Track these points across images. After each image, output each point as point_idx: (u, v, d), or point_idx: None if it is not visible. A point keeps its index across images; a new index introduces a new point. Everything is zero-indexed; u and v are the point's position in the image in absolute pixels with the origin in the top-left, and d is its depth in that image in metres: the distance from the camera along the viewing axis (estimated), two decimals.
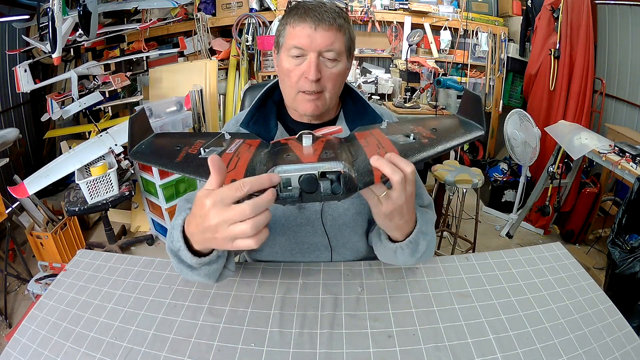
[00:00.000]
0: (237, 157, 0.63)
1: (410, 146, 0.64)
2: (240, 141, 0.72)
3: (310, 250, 0.90)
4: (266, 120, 0.88)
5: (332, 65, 0.78)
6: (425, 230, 0.72)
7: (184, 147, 0.69)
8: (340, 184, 0.53)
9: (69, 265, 0.89)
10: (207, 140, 0.72)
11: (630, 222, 1.71)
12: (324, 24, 0.75)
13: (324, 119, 0.89)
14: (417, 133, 0.68)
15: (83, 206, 2.09)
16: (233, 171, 0.58)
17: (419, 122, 0.76)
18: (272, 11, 3.24)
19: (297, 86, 0.79)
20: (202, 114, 2.88)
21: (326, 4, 0.78)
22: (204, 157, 0.64)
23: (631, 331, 0.71)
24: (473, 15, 3.50)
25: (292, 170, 0.53)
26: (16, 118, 3.07)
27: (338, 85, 0.82)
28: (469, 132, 0.68)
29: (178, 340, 0.68)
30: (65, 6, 2.28)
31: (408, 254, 0.72)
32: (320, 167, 0.53)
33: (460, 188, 2.15)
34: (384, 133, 0.71)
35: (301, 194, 0.53)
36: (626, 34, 2.73)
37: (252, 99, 1.23)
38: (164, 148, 0.70)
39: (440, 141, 0.65)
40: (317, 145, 0.60)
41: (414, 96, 2.91)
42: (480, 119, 0.70)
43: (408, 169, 0.58)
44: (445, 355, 0.65)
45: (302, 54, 0.77)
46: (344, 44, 0.78)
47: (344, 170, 0.53)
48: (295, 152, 0.57)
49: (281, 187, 0.53)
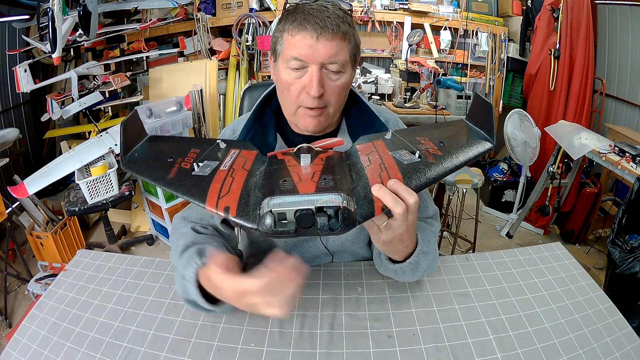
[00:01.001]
0: (231, 177, 0.60)
1: (415, 167, 0.60)
2: (236, 152, 0.68)
3: (311, 259, 0.89)
4: (265, 133, 0.82)
5: (336, 77, 0.71)
6: (427, 250, 0.70)
7: (177, 160, 0.65)
8: (338, 220, 0.50)
9: (69, 265, 0.89)
10: (201, 151, 0.68)
11: (630, 222, 1.71)
12: (327, 33, 0.67)
13: (326, 131, 0.83)
14: (423, 148, 0.64)
15: (83, 206, 2.09)
16: (227, 196, 0.56)
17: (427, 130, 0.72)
18: (272, 11, 3.24)
19: (298, 101, 0.73)
20: (202, 114, 2.88)
21: (328, 8, 0.69)
22: (197, 175, 0.61)
23: (631, 331, 0.71)
24: (473, 15, 3.50)
25: (287, 204, 0.50)
26: (16, 118, 3.07)
27: (342, 98, 0.76)
28: (478, 145, 0.65)
29: (178, 340, 0.68)
30: (65, 6, 2.28)
31: (409, 274, 0.72)
32: (318, 201, 0.50)
33: (460, 188, 2.15)
34: (388, 147, 0.66)
35: (297, 229, 0.50)
36: (626, 34, 2.73)
37: (252, 99, 1.23)
38: (157, 159, 0.67)
39: (447, 159, 0.62)
40: (316, 167, 0.57)
41: (414, 96, 2.90)
42: (490, 130, 0.66)
43: (411, 200, 0.55)
44: (445, 355, 0.65)
45: (302, 66, 0.69)
46: (349, 53, 0.71)
47: (342, 205, 0.50)
48: (292, 176, 0.54)
49: (276, 221, 0.50)
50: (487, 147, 0.65)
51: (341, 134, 0.84)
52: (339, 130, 0.85)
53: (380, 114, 0.87)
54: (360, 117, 0.84)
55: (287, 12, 0.72)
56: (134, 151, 0.68)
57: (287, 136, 0.84)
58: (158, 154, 0.69)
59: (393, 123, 0.89)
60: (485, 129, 0.68)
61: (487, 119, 0.67)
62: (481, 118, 0.70)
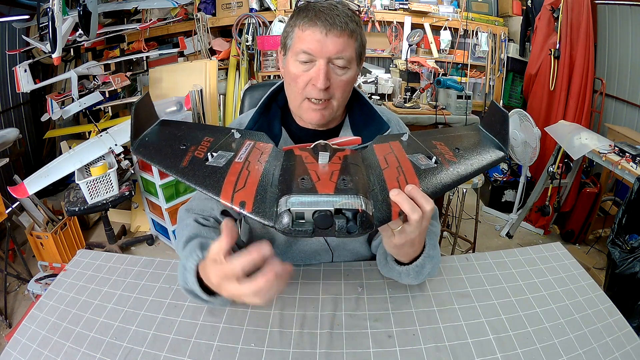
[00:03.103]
0: (247, 170, 0.59)
1: (431, 173, 0.61)
2: (251, 144, 0.68)
3: (311, 256, 0.90)
4: (270, 126, 0.85)
5: (342, 72, 0.75)
6: (432, 254, 0.71)
7: (190, 147, 0.65)
8: (356, 223, 0.49)
9: (69, 265, 0.89)
10: (214, 139, 0.68)
11: (630, 222, 1.71)
12: (336, 29, 0.71)
13: (329, 125, 0.86)
14: (439, 153, 0.64)
15: (83, 206, 2.09)
16: (242, 190, 0.55)
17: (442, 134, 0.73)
18: (272, 11, 3.24)
19: (304, 93, 0.76)
20: (202, 114, 2.88)
21: (338, 7, 0.73)
22: (211, 165, 0.60)
23: (631, 331, 0.71)
24: (473, 15, 3.50)
25: (306, 204, 0.49)
26: (16, 118, 3.07)
27: (347, 92, 0.79)
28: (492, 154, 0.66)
29: (178, 340, 0.68)
30: (65, 6, 2.28)
31: (413, 276, 0.72)
32: (337, 203, 0.49)
33: (460, 188, 2.15)
34: (405, 150, 0.67)
35: (314, 229, 0.49)
36: (626, 34, 2.73)
37: (252, 99, 1.23)
38: (169, 145, 0.66)
39: (463, 166, 0.62)
40: (334, 166, 0.57)
41: (414, 96, 2.90)
42: (504, 139, 0.67)
43: (427, 207, 0.56)
44: (445, 355, 0.65)
45: (310, 59, 0.73)
46: (355, 50, 0.75)
47: (361, 209, 0.49)
48: (311, 174, 0.54)
49: (293, 220, 0.49)
50: (501, 156, 0.66)
51: (344, 129, 0.88)
52: (342, 126, 0.88)
53: (382, 113, 0.89)
54: (363, 114, 0.87)
55: (299, 9, 0.77)
56: (144, 135, 0.67)
57: (291, 130, 0.87)
58: (170, 139, 0.67)
59: (394, 123, 0.91)
60: (499, 137, 0.68)
61: (502, 128, 0.68)
62: (496, 126, 0.70)
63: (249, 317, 0.73)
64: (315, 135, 0.85)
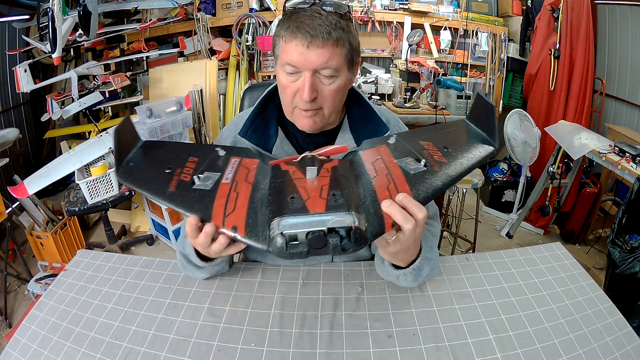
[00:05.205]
0: (235, 191, 0.58)
1: (421, 177, 0.60)
2: (237, 161, 0.66)
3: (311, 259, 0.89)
4: (266, 127, 0.84)
5: (330, 82, 0.73)
6: (429, 256, 0.70)
7: (176, 170, 0.63)
8: (350, 240, 0.49)
9: (69, 265, 0.89)
10: (199, 159, 0.66)
11: (630, 222, 1.71)
12: (317, 41, 0.68)
13: (326, 127, 0.85)
14: (428, 154, 0.63)
15: (83, 206, 2.09)
16: (233, 214, 0.54)
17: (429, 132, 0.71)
18: (272, 11, 3.24)
19: (294, 102, 0.76)
20: (202, 114, 2.88)
21: (322, 13, 0.70)
22: (199, 189, 0.59)
23: (631, 331, 0.71)
24: (473, 15, 3.50)
25: (298, 226, 0.49)
26: (16, 118, 3.07)
27: (338, 100, 0.78)
28: (481, 150, 0.64)
29: (178, 340, 0.68)
30: (65, 6, 2.28)
31: (411, 279, 0.72)
32: (329, 222, 0.49)
33: (460, 188, 2.15)
34: (393, 154, 0.65)
35: (309, 250, 0.49)
36: (626, 34, 2.73)
37: (252, 99, 1.24)
38: (154, 169, 0.63)
39: (453, 166, 0.61)
40: (323, 180, 0.56)
41: (414, 96, 2.90)
42: (492, 132, 0.65)
43: (420, 215, 0.55)
44: (445, 355, 0.65)
45: (296, 71, 0.72)
46: (342, 57, 0.72)
47: (354, 225, 0.49)
48: (300, 192, 0.53)
49: (287, 243, 0.49)
50: (490, 151, 0.64)
51: (343, 131, 0.87)
52: (341, 127, 0.87)
53: (381, 114, 0.89)
54: (362, 115, 0.86)
55: (283, 16, 0.74)
56: (128, 160, 0.64)
57: (288, 129, 0.87)
58: (154, 163, 0.65)
59: (394, 123, 0.91)
60: (487, 131, 0.67)
61: (489, 121, 0.66)
62: (482, 120, 0.68)
63: (249, 317, 0.73)
64: (311, 137, 0.85)
